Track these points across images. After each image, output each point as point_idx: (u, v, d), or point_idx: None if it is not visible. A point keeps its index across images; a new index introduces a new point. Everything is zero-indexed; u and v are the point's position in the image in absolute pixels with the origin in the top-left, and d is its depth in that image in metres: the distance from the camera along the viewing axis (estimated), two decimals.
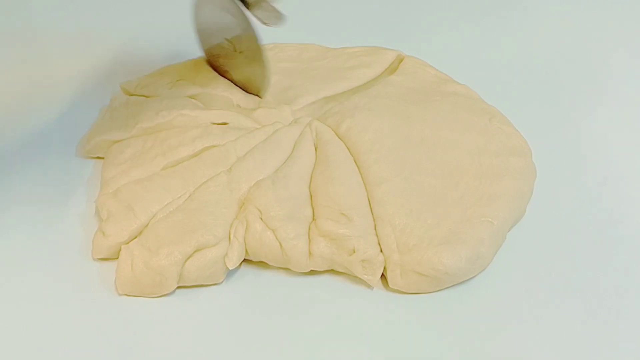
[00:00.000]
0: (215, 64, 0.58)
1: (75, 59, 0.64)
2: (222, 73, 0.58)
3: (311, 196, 0.48)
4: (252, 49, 0.54)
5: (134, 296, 0.45)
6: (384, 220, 0.47)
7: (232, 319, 0.44)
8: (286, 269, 0.47)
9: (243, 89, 0.57)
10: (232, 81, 0.57)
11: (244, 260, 0.47)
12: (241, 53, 0.55)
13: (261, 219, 0.46)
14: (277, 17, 0.51)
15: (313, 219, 0.47)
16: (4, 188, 0.52)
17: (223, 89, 0.56)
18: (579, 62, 0.66)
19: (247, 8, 0.52)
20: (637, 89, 0.63)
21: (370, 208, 0.48)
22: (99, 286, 0.45)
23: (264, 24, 0.51)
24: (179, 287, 0.45)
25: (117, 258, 0.46)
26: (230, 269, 0.45)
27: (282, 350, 0.43)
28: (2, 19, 0.69)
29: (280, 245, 0.45)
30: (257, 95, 0.56)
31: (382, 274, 0.46)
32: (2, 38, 0.67)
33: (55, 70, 0.63)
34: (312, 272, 0.46)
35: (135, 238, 0.46)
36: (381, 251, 0.46)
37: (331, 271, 0.47)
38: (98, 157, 0.54)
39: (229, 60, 0.57)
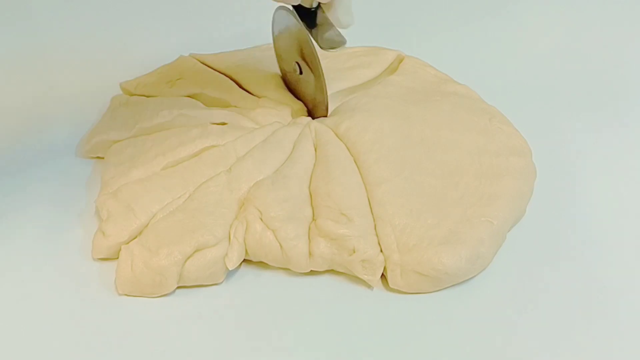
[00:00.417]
0: (288, 86, 0.58)
1: (75, 59, 0.64)
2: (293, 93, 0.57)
3: (311, 196, 0.48)
4: (314, 72, 0.53)
5: (134, 296, 0.45)
6: (384, 220, 0.47)
7: (232, 319, 0.44)
8: (286, 269, 0.47)
9: (310, 112, 0.56)
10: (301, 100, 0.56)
11: (244, 260, 0.47)
12: (305, 75, 0.55)
13: (261, 219, 0.46)
14: (334, 42, 0.50)
15: (313, 219, 0.47)
16: (4, 188, 0.52)
17: (220, 91, 0.56)
18: (579, 62, 0.66)
19: (309, 31, 0.51)
20: (637, 88, 0.63)
21: (370, 208, 0.48)
22: (99, 286, 0.45)
23: (320, 47, 0.50)
24: (179, 287, 0.45)
25: (117, 258, 0.46)
26: (230, 269, 0.45)
27: (282, 351, 0.43)
28: (2, 20, 0.69)
29: (280, 245, 0.45)
30: (321, 116, 0.55)
31: (382, 274, 0.46)
32: (2, 38, 0.67)
33: (55, 70, 0.63)
34: (312, 272, 0.46)
35: (135, 238, 0.46)
36: (381, 251, 0.46)
37: (331, 271, 0.47)
38: (98, 157, 0.54)
39: (296, 82, 0.56)
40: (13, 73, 0.62)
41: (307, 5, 0.51)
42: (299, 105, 0.56)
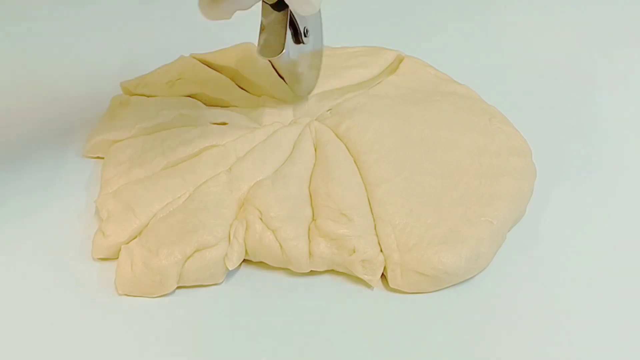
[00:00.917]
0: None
1: (75, 58, 0.64)
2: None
3: (311, 196, 0.48)
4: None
5: (134, 296, 0.45)
6: (384, 220, 0.47)
7: (232, 319, 0.44)
8: (286, 269, 0.47)
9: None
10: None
11: (244, 260, 0.47)
12: None
13: (261, 219, 0.46)
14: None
15: (313, 219, 0.47)
16: (4, 188, 0.52)
17: (220, 91, 0.56)
18: (579, 62, 0.66)
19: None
20: (637, 88, 0.63)
21: (370, 208, 0.48)
22: (99, 286, 0.45)
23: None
24: (179, 287, 0.45)
25: (117, 258, 0.46)
26: (230, 269, 0.45)
27: (282, 351, 0.43)
28: (3, 20, 0.69)
29: (280, 246, 0.45)
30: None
31: (382, 274, 0.46)
32: (2, 38, 0.67)
33: (55, 70, 0.63)
34: (312, 272, 0.46)
35: (135, 238, 0.46)
36: (381, 251, 0.46)
37: (331, 271, 0.47)
38: (98, 157, 0.54)
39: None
40: (13, 73, 0.62)
41: None
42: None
